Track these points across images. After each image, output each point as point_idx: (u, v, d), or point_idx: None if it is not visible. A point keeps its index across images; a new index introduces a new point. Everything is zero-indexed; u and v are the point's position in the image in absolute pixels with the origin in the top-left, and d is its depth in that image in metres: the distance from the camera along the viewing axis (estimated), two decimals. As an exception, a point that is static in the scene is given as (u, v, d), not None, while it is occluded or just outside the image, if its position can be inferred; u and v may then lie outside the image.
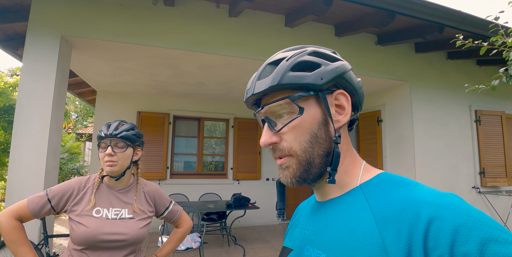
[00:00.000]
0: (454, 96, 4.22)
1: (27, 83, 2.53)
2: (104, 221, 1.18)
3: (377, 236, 0.41)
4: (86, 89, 5.54)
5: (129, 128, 1.28)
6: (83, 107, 11.63)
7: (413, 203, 0.41)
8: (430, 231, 0.37)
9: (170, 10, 2.97)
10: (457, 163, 4.08)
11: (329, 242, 0.47)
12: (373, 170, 0.53)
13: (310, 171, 0.50)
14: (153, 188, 1.39)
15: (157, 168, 5.14)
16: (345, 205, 0.50)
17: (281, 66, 0.50)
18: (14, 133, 2.46)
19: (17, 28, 3.33)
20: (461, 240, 0.34)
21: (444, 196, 0.40)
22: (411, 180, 0.48)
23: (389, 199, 0.44)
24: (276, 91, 0.51)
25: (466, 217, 0.36)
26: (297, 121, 0.50)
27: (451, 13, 2.91)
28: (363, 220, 0.44)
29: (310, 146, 0.49)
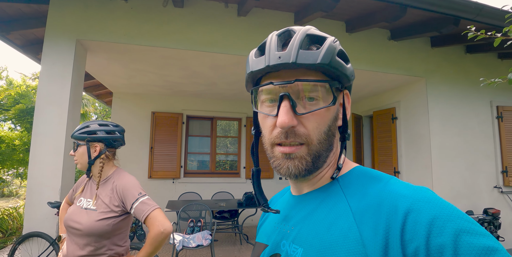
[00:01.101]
0: (473, 91, 4.05)
1: (45, 86, 2.65)
2: (75, 209, 1.30)
3: (354, 230, 0.41)
4: (103, 91, 5.73)
5: (80, 128, 1.36)
6: (102, 109, 12.03)
7: (390, 197, 0.41)
8: (407, 223, 0.37)
9: (179, 11, 3.02)
10: (477, 161, 3.91)
11: (306, 236, 0.46)
12: (348, 163, 0.53)
13: (317, 164, 0.48)
14: (122, 182, 1.31)
15: (171, 167, 5.24)
16: (322, 199, 0.49)
17: (330, 48, 0.45)
18: (34, 133, 2.59)
19: (37, 33, 3.49)
20: (436, 231, 0.35)
21: (419, 190, 0.41)
22: (385, 174, 0.48)
23: (366, 192, 0.44)
24: (311, 70, 0.46)
25: (440, 210, 0.37)
26: (326, 109, 0.47)
27: (466, 5, 2.80)
28: (341, 214, 0.44)
29: (324, 139, 0.47)
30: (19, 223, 4.99)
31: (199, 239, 2.92)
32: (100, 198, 1.29)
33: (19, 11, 3.11)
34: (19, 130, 5.07)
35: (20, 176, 5.84)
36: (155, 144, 5.23)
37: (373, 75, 3.76)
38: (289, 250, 0.48)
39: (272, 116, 0.47)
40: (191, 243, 2.86)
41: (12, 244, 3.64)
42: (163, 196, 5.10)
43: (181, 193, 4.93)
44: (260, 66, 0.47)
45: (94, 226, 1.21)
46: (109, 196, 1.28)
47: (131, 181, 1.33)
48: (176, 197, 5.07)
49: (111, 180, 1.34)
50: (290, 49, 0.45)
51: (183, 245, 2.83)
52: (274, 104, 0.47)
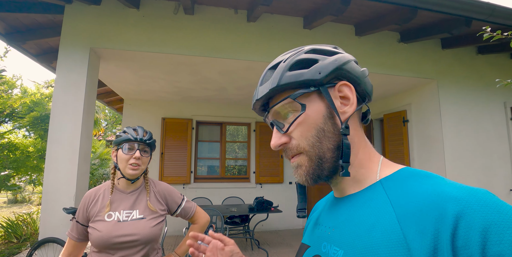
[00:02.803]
0: (486, 92, 3.98)
1: (60, 94, 2.70)
2: (116, 224, 1.22)
3: (398, 232, 0.39)
4: (114, 98, 5.82)
5: (152, 136, 1.35)
6: (112, 115, 12.19)
7: (439, 198, 0.38)
8: (459, 228, 0.34)
9: (190, 18, 3.06)
10: (491, 164, 3.83)
11: (347, 238, 0.46)
12: (393, 165, 0.51)
13: (323, 167, 0.49)
14: (163, 187, 1.42)
15: (181, 172, 5.26)
16: (364, 201, 0.48)
17: (279, 68, 0.51)
18: (49, 140, 2.63)
19: (51, 42, 3.58)
20: (494, 239, 0.32)
21: (474, 191, 0.38)
22: (436, 174, 0.45)
23: (412, 194, 0.42)
24: (279, 93, 0.52)
25: (498, 215, 0.34)
26: (301, 118, 0.50)
27: (479, 5, 2.76)
28: (383, 216, 0.42)
29: (317, 141, 0.49)
30: (33, 229, 5.06)
31: (212, 244, 2.91)
32: (145, 206, 1.31)
33: (35, 21, 3.20)
34: (32, 137, 5.17)
35: (33, 182, 5.92)
36: (165, 150, 5.27)
37: (383, 78, 3.74)
38: (330, 252, 0.48)
39: None
40: (204, 248, 2.85)
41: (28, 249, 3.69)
42: (174, 202, 5.11)
43: (191, 198, 4.94)
44: (252, 105, 0.59)
45: (151, 232, 1.26)
46: (154, 201, 1.35)
47: (169, 186, 1.46)
48: (186, 202, 5.07)
49: (149, 187, 1.37)
50: (256, 89, 0.55)
51: (196, 251, 2.82)
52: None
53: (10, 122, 4.84)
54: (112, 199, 1.28)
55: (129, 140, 1.27)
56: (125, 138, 1.28)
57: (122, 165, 1.27)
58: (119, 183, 1.32)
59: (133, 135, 1.28)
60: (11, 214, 5.81)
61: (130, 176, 1.27)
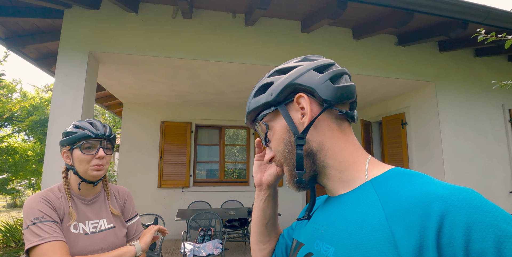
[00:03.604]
0: (484, 95, 3.99)
1: (59, 97, 2.71)
2: (87, 238, 1.04)
3: (386, 229, 0.40)
4: (113, 102, 5.83)
5: (109, 128, 1.15)
6: (111, 120, 12.21)
7: (425, 197, 0.39)
8: (444, 226, 0.35)
9: (188, 22, 3.08)
10: (491, 166, 3.82)
11: (338, 236, 0.47)
12: (383, 166, 0.53)
13: (300, 174, 0.53)
14: (124, 191, 1.26)
15: (180, 176, 5.25)
16: (354, 200, 0.49)
17: (250, 95, 0.60)
18: (47, 144, 2.63)
19: (50, 47, 3.61)
20: (477, 237, 0.33)
21: (459, 190, 0.39)
22: (425, 174, 0.46)
23: (400, 193, 0.43)
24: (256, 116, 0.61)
25: (482, 213, 0.35)
26: (270, 134, 0.58)
27: (475, 8, 2.79)
28: (372, 214, 0.44)
29: (288, 153, 0.54)
30: (31, 233, 5.02)
31: (210, 248, 2.90)
32: (112, 209, 1.17)
33: (34, 25, 3.22)
34: (32, 141, 5.18)
35: (32, 186, 5.91)
36: (164, 153, 5.27)
37: (381, 80, 3.75)
38: (322, 250, 0.49)
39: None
40: (202, 252, 2.84)
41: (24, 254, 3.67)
42: (173, 205, 5.09)
43: (190, 202, 4.93)
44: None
45: (123, 242, 1.13)
46: (116, 205, 1.20)
47: (130, 192, 1.29)
48: (185, 206, 5.06)
49: (109, 190, 1.20)
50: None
51: (194, 254, 2.80)
52: None
53: (10, 126, 4.85)
54: (79, 209, 1.08)
55: (88, 137, 1.05)
56: (82, 135, 1.05)
57: (82, 167, 1.05)
58: (79, 189, 1.09)
59: (92, 130, 1.06)
60: (10, 218, 5.79)
61: (94, 178, 1.08)
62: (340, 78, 0.55)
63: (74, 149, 1.06)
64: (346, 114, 0.55)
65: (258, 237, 0.73)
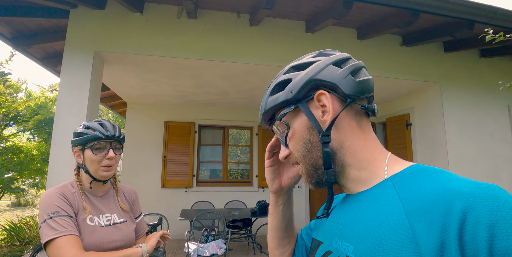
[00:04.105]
0: (490, 96, 3.96)
1: (64, 97, 2.72)
2: (104, 229, 1.10)
3: (407, 227, 0.40)
4: (117, 102, 5.86)
5: (119, 128, 1.20)
6: (115, 119, 12.27)
7: (447, 194, 0.38)
8: (467, 223, 0.34)
9: (193, 22, 3.09)
10: (496, 167, 3.79)
11: (357, 234, 0.47)
12: (402, 162, 0.52)
13: (317, 173, 0.53)
14: (132, 190, 1.33)
15: (183, 176, 5.26)
16: (373, 198, 0.48)
17: (265, 94, 0.59)
18: (53, 143, 2.65)
19: (56, 47, 3.63)
20: (502, 234, 0.32)
21: (482, 186, 0.37)
22: (446, 171, 0.45)
23: (421, 190, 0.42)
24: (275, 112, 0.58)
25: (507, 209, 0.34)
26: (290, 134, 0.56)
27: (481, 8, 2.77)
28: (392, 212, 0.43)
29: (307, 152, 0.53)
30: (35, 232, 5.06)
31: (214, 248, 2.90)
32: (121, 205, 1.24)
33: (40, 25, 3.24)
34: (36, 141, 5.21)
35: (36, 186, 5.95)
36: (168, 153, 5.28)
37: (386, 81, 3.73)
38: (341, 248, 0.49)
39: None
40: (206, 252, 2.83)
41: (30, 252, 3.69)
42: (176, 205, 5.10)
43: (194, 202, 4.93)
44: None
45: (133, 236, 1.19)
46: (125, 202, 1.27)
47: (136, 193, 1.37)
48: (189, 206, 5.06)
49: (118, 188, 1.27)
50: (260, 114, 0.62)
51: (198, 254, 2.80)
52: None
53: (15, 125, 4.89)
54: (92, 203, 1.14)
55: (99, 138, 1.10)
56: (93, 137, 1.10)
57: (93, 167, 1.11)
58: (90, 187, 1.16)
59: (102, 132, 1.11)
60: (14, 217, 5.83)
61: (104, 178, 1.14)
62: (359, 71, 0.54)
63: (85, 150, 1.11)
64: (367, 108, 0.54)
65: (278, 241, 0.72)
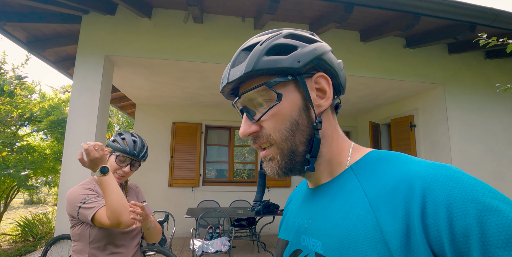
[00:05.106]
0: (495, 97, 3.95)
1: (76, 99, 2.86)
2: None
3: (371, 216, 0.38)
4: (127, 103, 6.02)
5: (147, 149, 1.39)
6: (124, 120, 12.51)
7: (406, 178, 0.38)
8: (427, 206, 0.34)
9: (199, 26, 3.20)
10: (501, 169, 3.78)
11: (323, 228, 0.45)
12: (362, 149, 0.51)
13: (295, 160, 0.47)
14: (135, 185, 1.53)
15: (190, 175, 5.38)
16: (337, 189, 0.47)
17: (255, 51, 0.47)
18: (66, 142, 2.78)
19: (68, 50, 3.78)
20: (459, 213, 0.32)
21: (439, 167, 0.37)
22: (403, 154, 0.45)
23: (381, 176, 0.41)
24: (253, 78, 0.48)
25: (461, 188, 0.34)
26: (276, 108, 0.47)
27: (482, 11, 2.79)
28: (356, 202, 0.42)
29: (291, 134, 0.47)
30: (48, 228, 5.25)
31: (218, 245, 2.99)
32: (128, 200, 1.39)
33: (54, 30, 3.40)
34: (49, 140, 5.40)
35: (49, 184, 6.15)
36: (175, 153, 5.41)
37: (390, 83, 3.77)
38: (309, 245, 0.47)
39: None
40: (210, 249, 2.93)
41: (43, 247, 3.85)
42: (183, 204, 5.22)
43: (200, 201, 5.04)
44: (220, 90, 0.53)
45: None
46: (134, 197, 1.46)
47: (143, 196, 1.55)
48: (195, 204, 5.17)
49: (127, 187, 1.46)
50: (225, 71, 0.50)
51: (202, 251, 2.90)
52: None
53: (29, 125, 5.08)
54: None
55: (125, 152, 1.28)
56: (122, 149, 1.28)
57: (111, 169, 1.28)
58: None
59: (130, 149, 1.29)
60: (28, 214, 6.04)
61: None
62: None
63: (112, 154, 1.30)
64: (338, 105, 0.55)
65: None
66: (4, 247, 4.62)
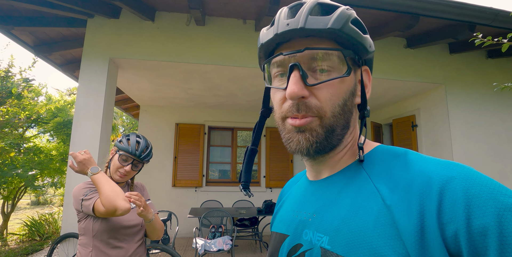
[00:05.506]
0: (497, 97, 3.94)
1: (82, 101, 2.93)
2: None
3: (385, 213, 0.38)
4: (131, 104, 6.11)
5: (150, 151, 1.44)
6: (129, 122, 12.64)
7: (421, 175, 0.38)
8: (444, 204, 0.34)
9: (201, 29, 3.25)
10: (504, 169, 3.77)
11: (330, 223, 0.43)
12: (369, 143, 0.50)
13: (331, 140, 0.45)
14: (140, 184, 1.58)
15: (193, 176, 5.43)
16: (344, 182, 0.46)
17: (343, 13, 0.44)
18: (71, 143, 2.85)
19: (74, 53, 3.87)
20: (477, 212, 0.32)
21: (453, 166, 0.38)
22: (411, 150, 0.44)
23: (393, 172, 0.41)
24: (321, 39, 0.44)
25: (479, 187, 0.34)
26: (339, 81, 0.44)
27: (481, 11, 2.81)
28: (368, 197, 0.41)
29: (339, 112, 0.44)
30: (54, 228, 5.34)
31: (220, 243, 3.03)
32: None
33: (60, 34, 3.48)
34: (55, 142, 5.50)
35: (55, 185, 6.25)
36: (179, 154, 5.47)
37: (391, 83, 3.79)
38: (313, 239, 0.45)
39: (282, 89, 0.46)
40: (212, 247, 2.97)
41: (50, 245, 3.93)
42: (186, 204, 5.27)
43: (203, 201, 5.09)
44: (270, 36, 0.46)
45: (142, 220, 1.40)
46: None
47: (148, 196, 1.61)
48: (198, 204, 5.23)
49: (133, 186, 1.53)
50: (298, 16, 0.44)
51: (205, 249, 2.95)
52: (285, 78, 0.46)
53: (36, 127, 5.19)
54: None
55: (127, 151, 1.35)
56: (124, 149, 1.35)
57: (113, 169, 1.36)
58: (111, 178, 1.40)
59: (133, 149, 1.35)
60: (35, 214, 6.15)
61: (116, 180, 1.38)
62: None
63: (117, 153, 1.38)
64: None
65: None
66: (11, 246, 4.71)
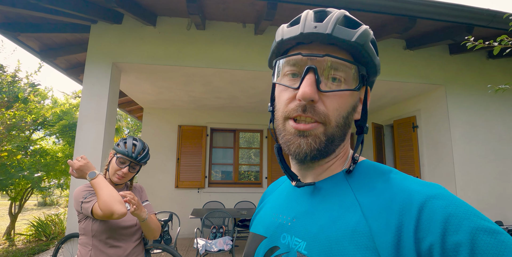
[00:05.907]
0: (498, 97, 3.93)
1: (86, 104, 3.00)
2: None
3: (363, 224, 0.40)
4: (135, 107, 6.20)
5: (147, 153, 1.47)
6: (133, 123, 12.78)
7: (403, 192, 0.40)
8: (421, 221, 0.36)
9: (201, 33, 3.32)
10: (505, 169, 3.76)
11: (309, 230, 0.45)
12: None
13: (328, 149, 0.47)
14: (139, 186, 1.63)
15: (196, 177, 5.49)
16: (326, 191, 0.48)
17: (367, 31, 0.46)
18: (76, 146, 2.93)
19: (79, 58, 3.96)
20: (452, 229, 0.34)
21: (432, 186, 0.40)
22: (392, 168, 0.47)
23: (375, 187, 0.43)
24: (343, 50, 0.46)
25: (456, 207, 0.36)
26: (348, 93, 0.46)
27: (478, 12, 2.83)
28: (348, 208, 0.43)
29: (342, 124, 0.46)
30: (60, 228, 5.44)
31: (221, 244, 3.08)
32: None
33: (65, 39, 3.58)
34: (61, 144, 5.61)
35: (61, 186, 6.37)
36: (182, 156, 5.54)
37: (391, 84, 3.81)
38: (291, 244, 0.46)
39: (293, 89, 0.46)
40: (213, 247, 3.02)
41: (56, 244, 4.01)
42: (189, 205, 5.33)
43: (205, 202, 5.15)
44: (293, 33, 0.46)
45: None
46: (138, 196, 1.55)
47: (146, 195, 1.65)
48: (200, 205, 5.28)
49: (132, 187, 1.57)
50: (327, 22, 0.45)
51: (206, 249, 3.00)
52: (297, 79, 0.46)
53: (42, 130, 5.30)
54: None
55: (124, 154, 1.39)
56: (121, 152, 1.40)
57: (111, 171, 1.41)
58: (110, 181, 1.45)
59: (129, 151, 1.40)
60: (41, 215, 6.26)
61: (114, 182, 1.43)
62: None
63: (115, 156, 1.42)
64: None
65: None
66: (18, 246, 4.81)
